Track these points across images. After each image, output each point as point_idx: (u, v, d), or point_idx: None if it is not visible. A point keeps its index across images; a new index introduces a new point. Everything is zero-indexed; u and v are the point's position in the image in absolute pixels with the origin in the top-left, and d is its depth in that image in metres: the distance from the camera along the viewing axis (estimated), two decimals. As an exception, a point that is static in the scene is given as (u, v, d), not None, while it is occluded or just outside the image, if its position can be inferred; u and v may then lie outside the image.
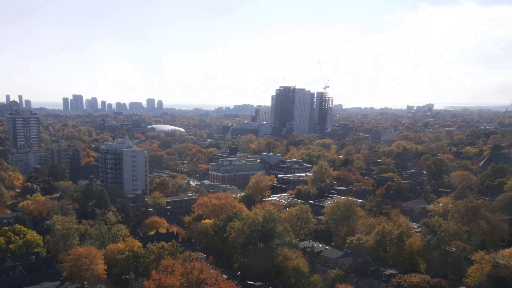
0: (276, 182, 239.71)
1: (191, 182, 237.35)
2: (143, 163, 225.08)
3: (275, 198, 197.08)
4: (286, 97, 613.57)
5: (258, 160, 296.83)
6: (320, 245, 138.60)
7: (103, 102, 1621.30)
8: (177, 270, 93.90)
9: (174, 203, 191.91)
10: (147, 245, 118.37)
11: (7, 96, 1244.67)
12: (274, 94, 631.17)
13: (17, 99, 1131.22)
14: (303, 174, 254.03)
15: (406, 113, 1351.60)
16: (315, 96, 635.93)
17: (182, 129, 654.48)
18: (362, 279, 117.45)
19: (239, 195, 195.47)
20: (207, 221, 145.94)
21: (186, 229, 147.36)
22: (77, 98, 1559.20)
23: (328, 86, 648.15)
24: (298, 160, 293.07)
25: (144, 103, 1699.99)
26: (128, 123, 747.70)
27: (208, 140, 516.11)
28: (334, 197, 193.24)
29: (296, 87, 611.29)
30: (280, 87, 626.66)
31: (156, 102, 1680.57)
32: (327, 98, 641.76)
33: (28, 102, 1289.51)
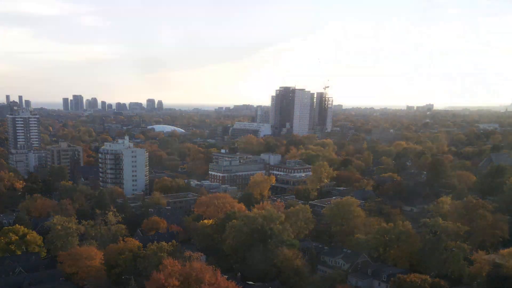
0: (276, 182, 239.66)
1: (191, 182, 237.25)
2: (143, 163, 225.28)
3: (275, 198, 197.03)
4: (286, 97, 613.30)
5: (258, 160, 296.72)
6: (320, 245, 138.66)
7: (103, 103, 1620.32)
8: (177, 270, 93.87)
9: (174, 203, 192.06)
10: (147, 245, 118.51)
11: (7, 96, 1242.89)
12: (274, 94, 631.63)
13: (17, 99, 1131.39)
14: (303, 174, 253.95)
15: (406, 113, 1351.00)
16: (315, 96, 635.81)
17: (182, 130, 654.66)
18: (362, 279, 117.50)
19: (238, 195, 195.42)
20: (206, 221, 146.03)
21: (186, 229, 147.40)
22: (77, 98, 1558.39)
23: (328, 86, 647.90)
24: (298, 160, 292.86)
25: (144, 104, 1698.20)
26: (128, 123, 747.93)
27: (208, 140, 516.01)
28: (334, 197, 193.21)
29: (296, 87, 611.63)
30: (280, 87, 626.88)
31: (156, 103, 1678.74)
32: (327, 98, 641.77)
33: (28, 102, 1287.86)
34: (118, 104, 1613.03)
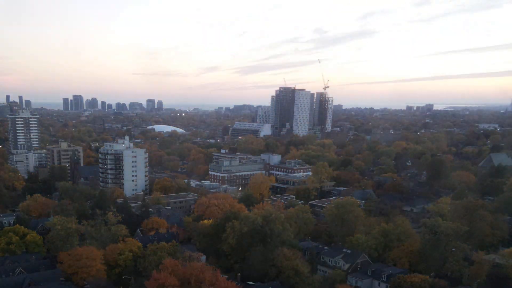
0: (276, 182, 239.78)
1: (191, 183, 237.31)
2: (143, 163, 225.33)
3: (275, 198, 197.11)
4: (286, 98, 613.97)
5: (258, 161, 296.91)
6: (320, 245, 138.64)
7: (103, 103, 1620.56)
8: (177, 270, 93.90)
9: (174, 203, 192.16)
10: (147, 245, 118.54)
11: (7, 96, 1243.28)
12: (274, 94, 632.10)
13: (17, 99, 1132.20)
14: (303, 174, 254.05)
15: (405, 113, 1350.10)
16: (315, 96, 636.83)
17: (182, 130, 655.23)
18: (362, 279, 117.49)
19: (238, 195, 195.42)
20: (206, 221, 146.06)
21: (186, 229, 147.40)
22: (77, 99, 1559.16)
23: (328, 87, 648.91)
24: (298, 160, 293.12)
25: (144, 104, 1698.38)
26: (128, 123, 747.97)
27: (208, 140, 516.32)
28: (334, 198, 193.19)
29: (296, 88, 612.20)
30: (280, 87, 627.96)
31: (156, 103, 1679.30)
32: (327, 99, 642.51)
33: (28, 102, 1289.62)
34: (118, 104, 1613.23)
